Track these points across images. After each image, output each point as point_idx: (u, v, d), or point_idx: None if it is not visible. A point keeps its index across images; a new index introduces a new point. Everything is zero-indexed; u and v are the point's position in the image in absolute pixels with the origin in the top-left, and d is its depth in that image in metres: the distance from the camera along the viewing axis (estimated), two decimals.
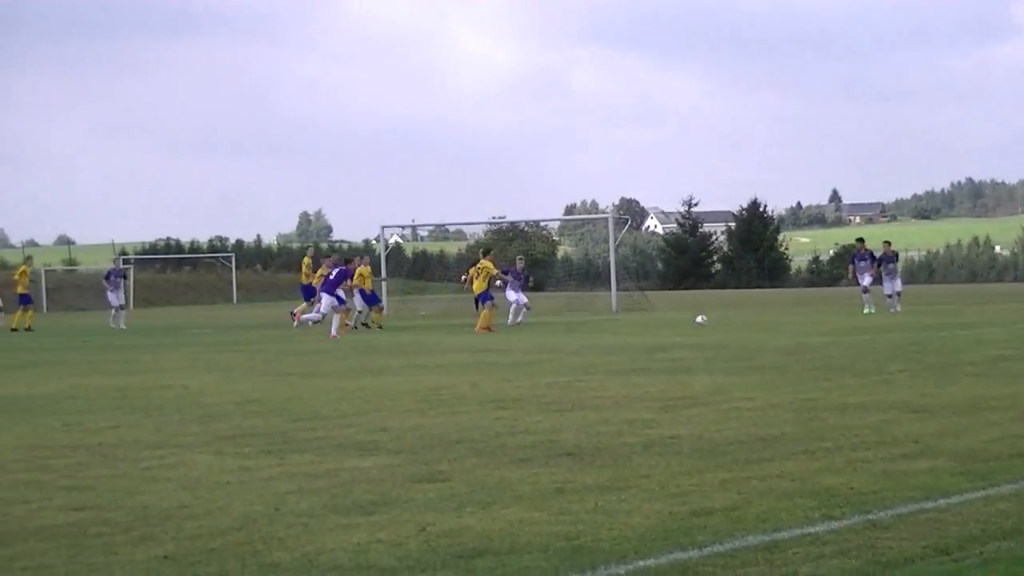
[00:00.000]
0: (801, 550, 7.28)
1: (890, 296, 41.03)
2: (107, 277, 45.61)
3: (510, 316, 37.43)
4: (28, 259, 49.30)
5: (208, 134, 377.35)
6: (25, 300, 44.36)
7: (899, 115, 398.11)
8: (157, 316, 59.02)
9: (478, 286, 36.14)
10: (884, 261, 41.76)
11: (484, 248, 40.24)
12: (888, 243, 43.13)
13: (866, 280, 41.60)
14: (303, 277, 41.75)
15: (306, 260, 42.30)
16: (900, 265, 46.02)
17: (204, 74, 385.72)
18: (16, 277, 45.13)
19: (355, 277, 37.59)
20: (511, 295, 38.08)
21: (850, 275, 43.87)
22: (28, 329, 42.34)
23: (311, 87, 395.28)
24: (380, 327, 37.29)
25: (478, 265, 36.95)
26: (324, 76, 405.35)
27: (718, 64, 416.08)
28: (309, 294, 40.15)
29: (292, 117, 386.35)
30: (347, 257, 40.07)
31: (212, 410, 15.43)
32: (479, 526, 8.10)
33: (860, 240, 46.26)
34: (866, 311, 40.13)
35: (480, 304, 35.90)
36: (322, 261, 39.15)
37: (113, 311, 43.95)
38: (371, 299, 38.73)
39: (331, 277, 35.19)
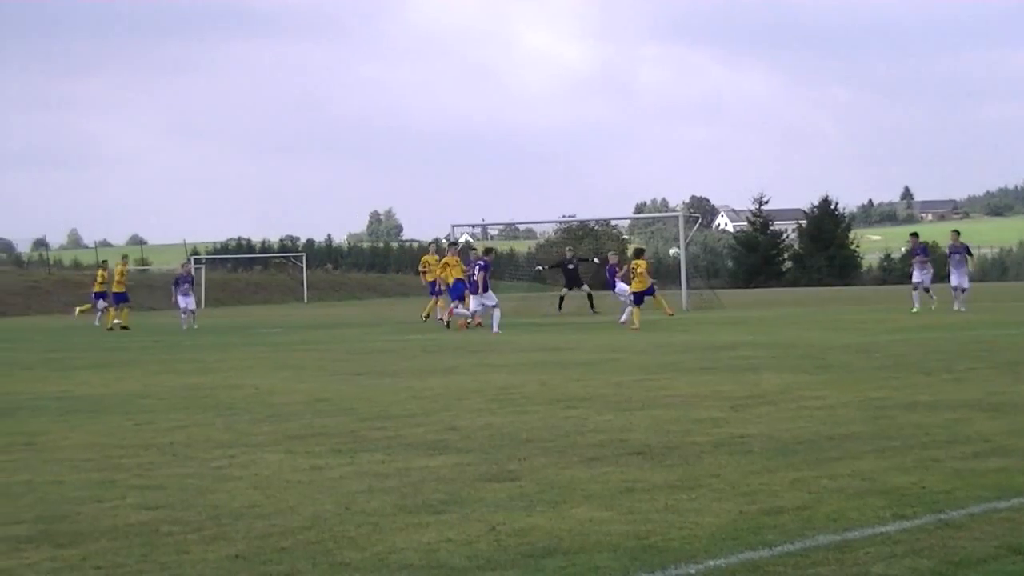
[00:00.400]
0: (872, 550, 7.25)
1: (955, 290, 39.01)
2: (176, 283, 45.89)
3: (624, 314, 37.53)
4: (123, 258, 49.64)
5: (277, 134, 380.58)
6: (119, 299, 45.10)
7: (971, 111, 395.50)
8: (228, 315, 59.42)
9: (637, 285, 36.35)
10: (952, 252, 39.83)
11: (636, 250, 40.55)
12: (956, 233, 40.42)
13: (924, 279, 39.82)
14: (428, 276, 40.94)
15: (430, 259, 41.38)
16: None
17: (273, 74, 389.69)
18: (117, 278, 45.72)
19: (443, 268, 37.67)
20: (620, 287, 38.45)
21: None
22: (109, 329, 43.01)
23: (379, 86, 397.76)
24: (448, 325, 37.25)
25: (633, 266, 37.10)
26: (392, 75, 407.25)
27: (787, 60, 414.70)
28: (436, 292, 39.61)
29: (361, 116, 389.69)
30: (488, 247, 39.55)
31: (282, 409, 15.50)
32: (548, 525, 8.10)
33: (914, 235, 43.03)
34: (914, 309, 38.58)
35: (640, 302, 36.19)
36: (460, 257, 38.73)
37: (183, 314, 44.29)
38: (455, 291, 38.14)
39: (475, 277, 35.48)
